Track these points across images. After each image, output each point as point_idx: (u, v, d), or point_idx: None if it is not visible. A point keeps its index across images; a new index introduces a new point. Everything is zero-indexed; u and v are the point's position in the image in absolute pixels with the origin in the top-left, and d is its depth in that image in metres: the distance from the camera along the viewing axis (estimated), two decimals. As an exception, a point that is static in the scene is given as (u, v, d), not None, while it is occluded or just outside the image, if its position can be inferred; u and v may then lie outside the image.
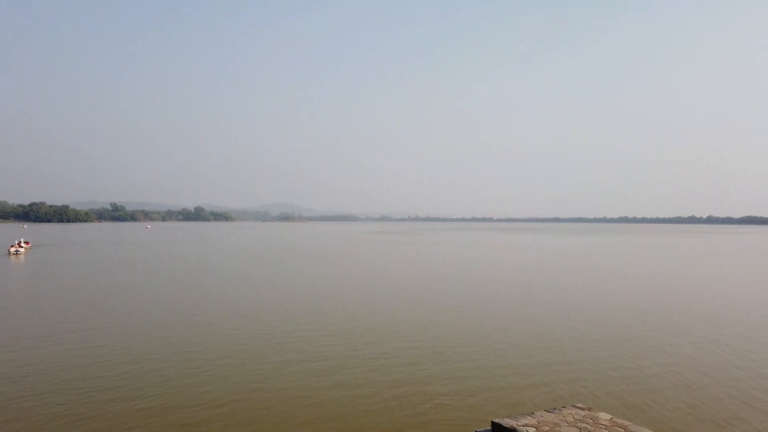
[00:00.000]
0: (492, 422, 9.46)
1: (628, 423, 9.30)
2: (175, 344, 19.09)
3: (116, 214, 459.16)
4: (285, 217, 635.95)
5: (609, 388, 14.41)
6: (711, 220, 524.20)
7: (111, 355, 17.64)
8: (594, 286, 36.32)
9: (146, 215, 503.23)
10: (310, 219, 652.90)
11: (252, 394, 13.79)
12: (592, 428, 8.96)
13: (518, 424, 9.12)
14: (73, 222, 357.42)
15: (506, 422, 9.25)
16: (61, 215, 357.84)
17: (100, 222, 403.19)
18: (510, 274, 44.72)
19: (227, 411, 12.59)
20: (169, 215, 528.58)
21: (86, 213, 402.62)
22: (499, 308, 27.10)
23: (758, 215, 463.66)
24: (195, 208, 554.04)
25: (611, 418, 9.51)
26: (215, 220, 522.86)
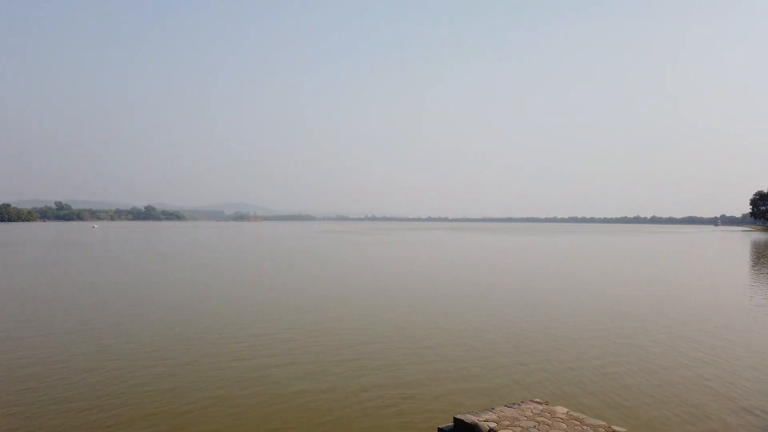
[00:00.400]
0: (454, 418, 9.70)
1: (584, 416, 9.71)
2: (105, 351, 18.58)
3: (61, 213, 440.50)
4: (240, 217, 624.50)
5: (566, 384, 14.94)
6: (655, 220, 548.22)
7: (53, 365, 17.02)
8: (551, 285, 37.42)
9: (93, 214, 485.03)
10: (266, 218, 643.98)
11: (215, 402, 13.61)
12: (550, 421, 9.31)
13: (479, 419, 9.39)
14: (14, 221, 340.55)
15: (468, 418, 9.50)
16: (1, 214, 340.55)
17: (44, 221, 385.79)
18: (468, 272, 45.51)
19: (190, 420, 12.38)
20: (118, 214, 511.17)
21: (29, 212, 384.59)
22: (458, 305, 27.57)
23: (698, 216, 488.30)
24: (145, 207, 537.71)
25: (567, 412, 9.91)
26: (167, 219, 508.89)
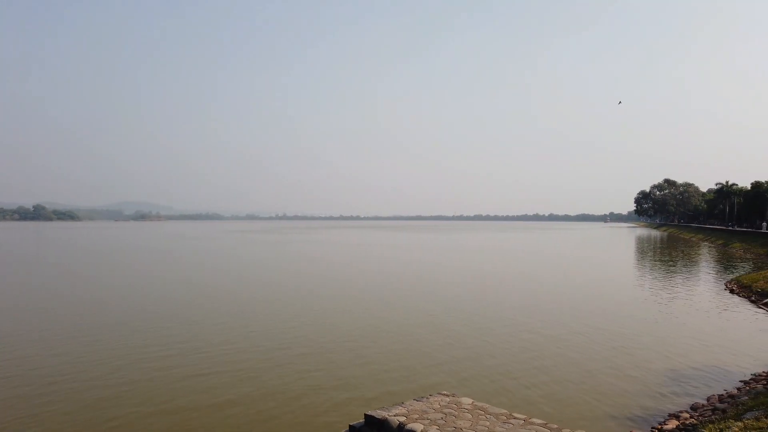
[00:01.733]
0: (365, 415, 9.86)
1: (488, 405, 10.25)
2: None
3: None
4: (141, 216, 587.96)
5: (471, 376, 15.65)
6: (552, 218, 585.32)
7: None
8: (463, 280, 38.82)
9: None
10: (170, 218, 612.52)
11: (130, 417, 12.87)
12: (456, 412, 9.73)
13: (389, 414, 9.62)
14: None
15: (378, 414, 9.70)
16: None
17: None
18: (377, 269, 46.13)
19: None
20: (1, 214, 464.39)
21: None
22: (368, 304, 27.91)
23: (590, 213, 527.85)
24: (34, 207, 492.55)
25: (472, 402, 10.40)
26: (59, 219, 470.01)
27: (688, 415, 12.09)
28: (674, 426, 11.41)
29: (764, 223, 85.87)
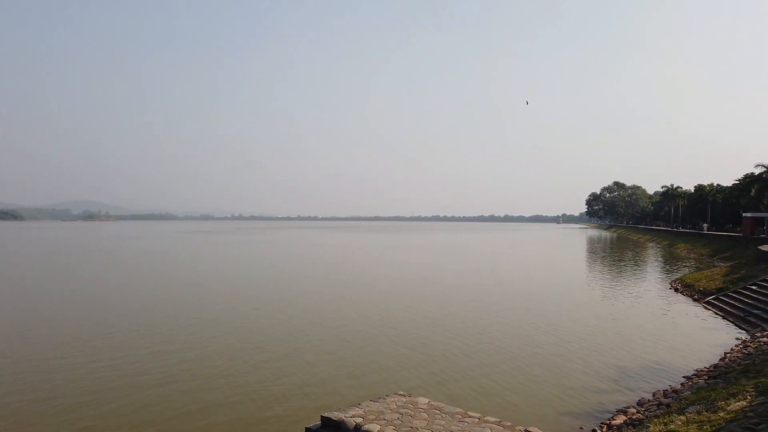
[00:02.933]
0: (321, 416, 9.79)
1: (443, 405, 10.35)
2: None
3: None
4: (89, 216, 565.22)
5: (427, 376, 15.76)
6: (507, 218, 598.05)
7: None
8: (417, 280, 39.06)
9: None
10: (121, 218, 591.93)
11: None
12: (412, 412, 9.79)
13: (346, 415, 9.58)
14: None
15: (335, 415, 9.65)
16: None
17: None
18: (330, 269, 45.94)
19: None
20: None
21: None
22: (323, 305, 27.74)
23: (543, 214, 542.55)
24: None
25: (428, 402, 10.48)
26: (0, 219, 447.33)
27: (635, 410, 12.54)
28: (622, 421, 11.80)
29: (705, 225, 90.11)
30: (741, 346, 18.41)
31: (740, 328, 22.46)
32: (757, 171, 73.13)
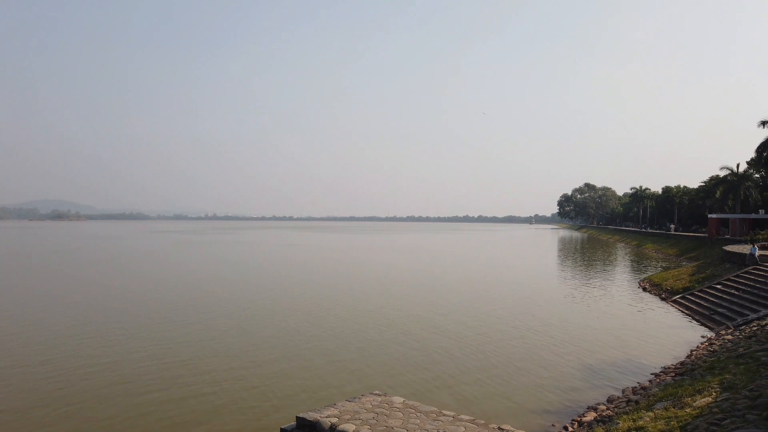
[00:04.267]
0: (297, 417, 9.74)
1: (418, 404, 10.40)
2: None
3: None
4: (58, 216, 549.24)
5: (402, 375, 15.82)
6: (481, 219, 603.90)
7: None
8: (384, 280, 39.13)
9: None
10: (91, 218, 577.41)
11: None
12: (388, 411, 9.82)
13: (321, 416, 9.56)
14: None
15: (310, 415, 9.62)
16: None
17: None
18: (300, 271, 45.74)
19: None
20: None
21: None
22: (294, 307, 27.61)
23: (516, 215, 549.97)
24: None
25: (404, 401, 10.53)
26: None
27: (605, 407, 12.80)
28: (592, 418, 12.04)
29: (672, 226, 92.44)
30: (707, 343, 18.95)
31: (706, 326, 23.11)
32: (722, 173, 75.33)
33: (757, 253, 29.91)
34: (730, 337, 18.79)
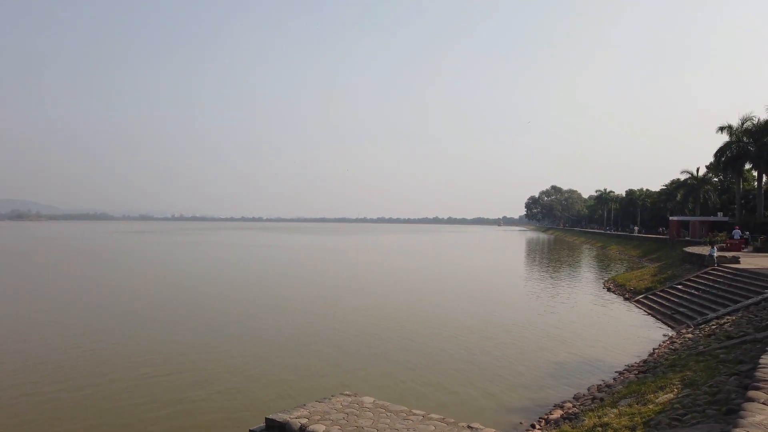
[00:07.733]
0: (266, 418, 9.62)
1: (389, 403, 10.40)
2: None
3: None
4: (18, 216, 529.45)
5: (372, 376, 15.82)
6: (451, 221, 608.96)
7: None
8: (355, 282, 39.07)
9: None
10: (53, 218, 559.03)
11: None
12: (358, 411, 9.78)
13: (291, 417, 9.46)
14: None
15: (279, 416, 9.51)
16: None
17: None
18: (273, 271, 45.37)
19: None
20: None
21: None
22: (257, 307, 27.35)
23: (485, 217, 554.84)
24: None
25: (374, 401, 10.50)
26: None
27: (571, 405, 13.04)
28: (559, 415, 12.25)
29: (636, 228, 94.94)
30: (668, 342, 19.48)
31: (667, 325, 23.78)
32: (683, 177, 77.74)
33: (716, 254, 30.90)
34: (690, 335, 19.35)
